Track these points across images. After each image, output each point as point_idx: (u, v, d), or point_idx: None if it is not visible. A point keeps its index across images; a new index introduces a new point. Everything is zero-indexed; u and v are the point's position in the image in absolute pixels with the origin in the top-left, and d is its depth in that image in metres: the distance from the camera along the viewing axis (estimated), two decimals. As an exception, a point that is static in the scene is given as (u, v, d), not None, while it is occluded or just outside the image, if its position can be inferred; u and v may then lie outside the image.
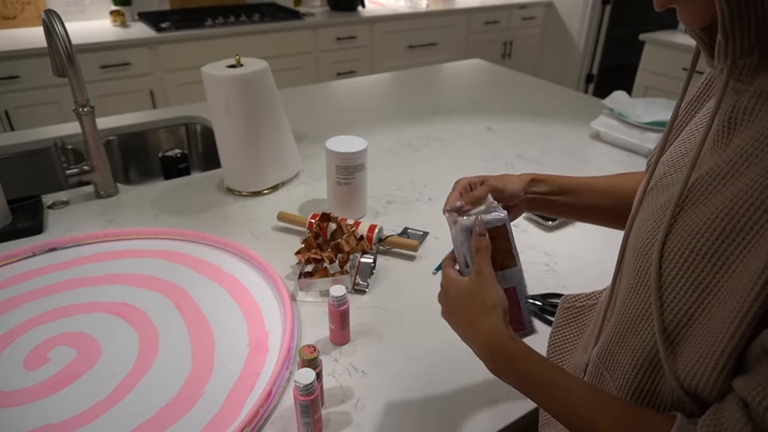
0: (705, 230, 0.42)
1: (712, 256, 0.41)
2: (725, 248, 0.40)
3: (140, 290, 0.89)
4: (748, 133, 0.41)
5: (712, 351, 0.41)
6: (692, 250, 0.43)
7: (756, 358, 0.38)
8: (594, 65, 4.09)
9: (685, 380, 0.44)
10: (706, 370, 0.41)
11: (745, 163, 0.41)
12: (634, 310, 0.49)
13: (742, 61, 0.42)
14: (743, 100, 0.43)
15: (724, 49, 0.41)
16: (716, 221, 0.41)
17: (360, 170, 1.06)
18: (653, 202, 0.51)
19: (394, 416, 0.69)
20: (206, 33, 2.73)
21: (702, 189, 0.44)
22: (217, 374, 0.74)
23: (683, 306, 0.43)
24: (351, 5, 3.28)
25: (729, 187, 0.41)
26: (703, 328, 0.42)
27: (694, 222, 0.43)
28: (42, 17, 1.03)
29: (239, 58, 1.12)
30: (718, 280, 0.41)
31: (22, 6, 2.68)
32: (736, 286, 0.39)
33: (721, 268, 0.40)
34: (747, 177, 0.40)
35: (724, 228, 0.40)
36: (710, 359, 0.41)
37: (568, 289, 0.90)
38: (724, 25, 0.40)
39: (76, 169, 1.14)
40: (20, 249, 0.97)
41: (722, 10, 0.39)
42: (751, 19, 0.39)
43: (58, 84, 2.41)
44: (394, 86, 1.96)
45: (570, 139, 1.51)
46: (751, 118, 0.42)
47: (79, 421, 0.67)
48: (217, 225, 1.09)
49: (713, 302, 0.41)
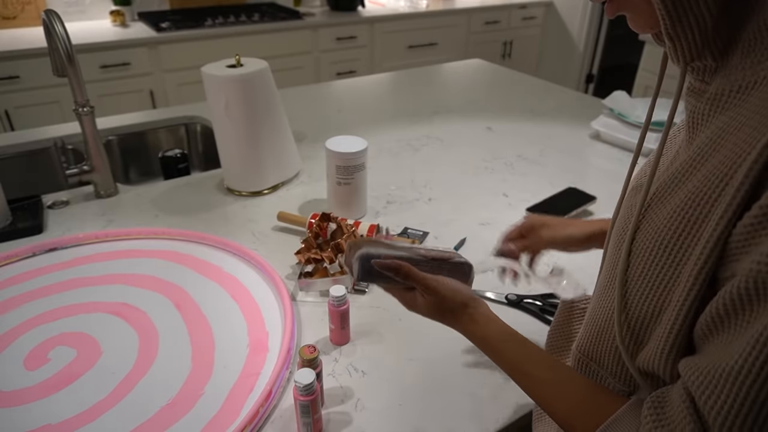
0: (665, 226, 0.44)
1: (671, 251, 0.43)
2: (682, 242, 0.42)
3: (140, 290, 0.89)
4: (706, 132, 0.43)
5: (663, 335, 0.43)
6: (654, 245, 0.44)
7: (699, 338, 0.40)
8: (594, 65, 4.09)
9: (643, 365, 0.46)
10: (656, 353, 0.43)
11: (701, 161, 0.42)
12: (609, 305, 0.51)
13: (697, 63, 0.44)
14: (701, 102, 0.44)
15: (672, 52, 0.43)
16: (674, 216, 0.43)
17: (360, 170, 1.06)
18: (628, 201, 0.53)
19: (394, 416, 0.69)
20: (206, 33, 2.73)
21: (666, 186, 0.45)
22: (217, 374, 0.74)
23: (648, 300, 0.45)
24: (351, 5, 3.28)
25: (687, 183, 0.43)
26: (663, 320, 0.43)
27: (657, 218, 0.45)
28: (42, 17, 1.03)
29: (239, 58, 1.12)
30: (679, 273, 0.42)
31: (22, 6, 2.68)
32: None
33: (680, 262, 0.42)
34: (700, 173, 0.42)
35: (680, 223, 0.42)
36: (660, 343, 0.43)
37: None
38: (667, 31, 0.42)
39: (76, 169, 1.14)
40: (20, 249, 0.97)
41: (662, 16, 0.41)
42: (692, 23, 0.40)
43: (58, 84, 2.41)
44: (394, 86, 1.96)
45: (570, 139, 1.51)
46: (709, 118, 0.44)
47: (79, 421, 0.67)
48: (217, 225, 1.09)
49: (673, 294, 0.42)
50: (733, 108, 0.41)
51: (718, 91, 0.42)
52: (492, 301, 0.89)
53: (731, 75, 0.42)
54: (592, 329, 0.54)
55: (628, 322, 0.47)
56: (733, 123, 0.41)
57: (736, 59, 0.41)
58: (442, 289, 0.60)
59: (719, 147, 0.41)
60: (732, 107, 0.41)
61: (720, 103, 0.42)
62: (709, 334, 0.39)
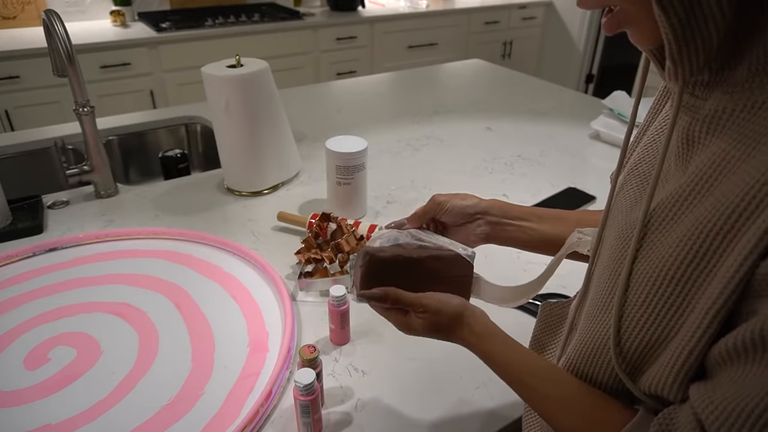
0: (670, 255, 0.42)
1: (679, 280, 0.41)
2: (691, 272, 0.40)
3: (140, 290, 0.89)
4: (706, 153, 0.41)
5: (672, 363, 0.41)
6: (660, 274, 0.42)
7: (712, 366, 0.39)
8: (594, 65, 4.09)
9: (647, 389, 0.45)
10: (663, 379, 0.42)
11: (705, 185, 0.40)
12: (603, 331, 0.49)
13: (693, 79, 0.42)
14: (698, 119, 0.42)
15: (673, 72, 0.41)
16: (680, 246, 0.41)
17: (360, 170, 1.06)
18: (622, 219, 0.50)
19: (394, 416, 0.69)
20: (206, 33, 2.73)
21: (666, 211, 0.43)
22: (217, 374, 0.74)
23: (652, 328, 0.43)
24: (351, 5, 3.28)
25: (693, 210, 0.41)
26: (670, 348, 0.42)
27: (660, 247, 0.43)
28: (42, 17, 1.03)
29: (239, 58, 1.12)
30: (689, 303, 0.41)
31: (22, 6, 2.68)
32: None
33: (690, 292, 0.40)
34: (708, 201, 0.40)
35: (688, 253, 0.40)
36: (669, 369, 0.42)
37: (567, 289, 0.90)
38: (671, 53, 0.40)
39: (76, 169, 1.14)
40: (20, 249, 0.97)
41: (668, 39, 0.39)
42: (698, 46, 0.39)
43: (58, 84, 2.41)
44: (394, 86, 1.96)
45: (570, 139, 1.51)
46: (708, 137, 0.41)
47: (79, 421, 0.67)
48: (217, 225, 1.09)
49: (679, 325, 0.41)
50: (737, 128, 0.39)
51: (719, 108, 0.41)
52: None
53: (735, 93, 0.40)
54: (583, 351, 0.52)
55: (626, 347, 0.46)
56: (739, 147, 0.39)
57: (739, 76, 0.40)
58: (434, 304, 0.58)
59: (727, 173, 0.39)
60: (735, 127, 0.40)
61: (720, 122, 0.41)
62: (723, 364, 0.38)
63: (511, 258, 0.99)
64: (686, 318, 0.41)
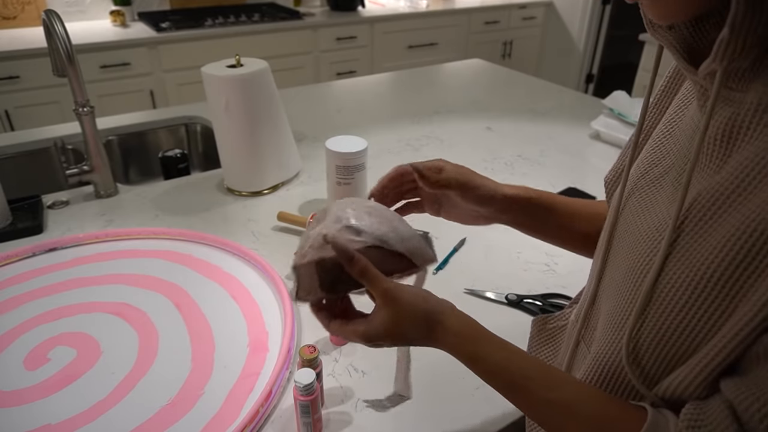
0: (716, 257, 0.39)
1: (726, 284, 0.39)
2: (741, 273, 0.38)
3: (140, 290, 0.89)
4: (751, 149, 0.38)
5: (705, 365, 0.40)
6: (701, 278, 0.40)
7: (750, 362, 0.38)
8: (594, 65, 4.09)
9: (668, 393, 0.43)
10: (690, 381, 0.41)
11: (753, 182, 0.38)
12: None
13: (734, 64, 0.38)
14: (741, 112, 0.39)
15: (725, 46, 0.36)
16: (727, 246, 0.38)
17: (360, 170, 1.06)
18: (639, 224, 0.48)
19: (394, 416, 0.69)
20: (206, 33, 2.73)
21: (704, 210, 0.41)
22: (217, 374, 0.74)
23: (689, 334, 0.41)
24: (351, 5, 3.28)
25: (738, 208, 0.38)
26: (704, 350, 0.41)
27: (700, 249, 0.40)
28: (42, 17, 1.03)
29: (239, 58, 1.12)
30: (728, 304, 0.39)
31: (22, 6, 2.68)
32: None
33: (736, 295, 0.38)
34: (757, 198, 0.37)
35: (738, 253, 0.38)
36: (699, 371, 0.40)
37: (567, 289, 0.90)
38: (735, 17, 0.35)
39: (76, 169, 1.14)
40: (20, 249, 0.97)
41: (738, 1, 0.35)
42: (764, 14, 0.35)
43: (58, 84, 2.41)
44: (394, 86, 1.96)
45: (570, 139, 1.51)
46: (754, 133, 0.38)
47: (79, 421, 0.67)
48: (217, 225, 1.09)
49: (718, 327, 0.40)
50: None
51: (762, 102, 0.38)
52: (492, 301, 0.89)
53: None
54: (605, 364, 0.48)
55: (655, 354, 0.43)
56: None
57: None
58: (407, 295, 0.50)
59: None
60: None
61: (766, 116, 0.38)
62: (764, 359, 0.37)
63: (511, 258, 0.99)
64: (726, 319, 0.39)
